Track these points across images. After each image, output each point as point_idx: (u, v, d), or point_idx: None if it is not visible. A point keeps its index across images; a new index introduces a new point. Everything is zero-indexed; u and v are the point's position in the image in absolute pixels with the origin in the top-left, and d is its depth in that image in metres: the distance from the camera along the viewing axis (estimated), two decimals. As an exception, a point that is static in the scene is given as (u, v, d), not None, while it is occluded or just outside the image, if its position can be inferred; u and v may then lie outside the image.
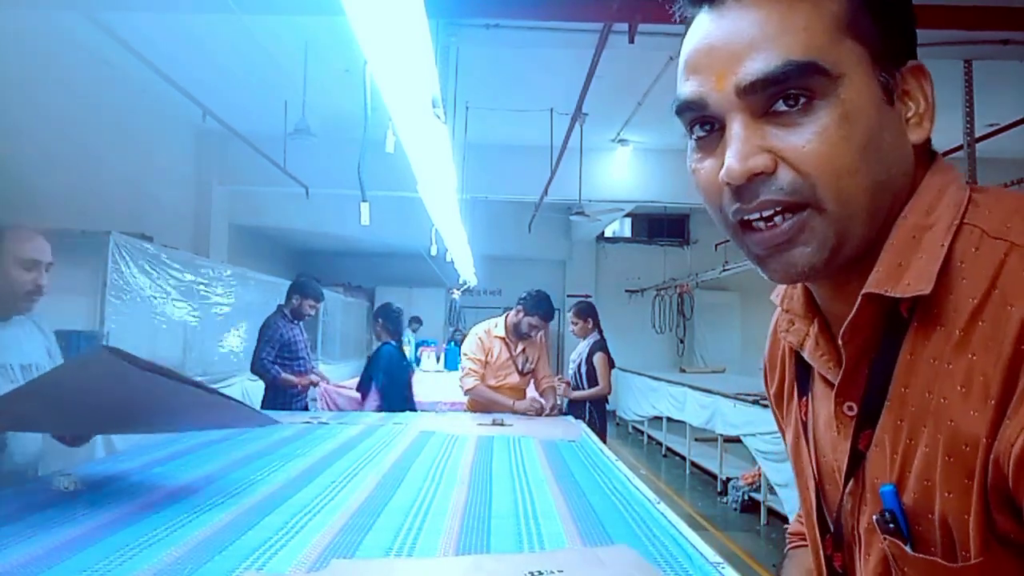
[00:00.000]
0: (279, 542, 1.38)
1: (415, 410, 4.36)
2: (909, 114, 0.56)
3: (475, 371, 3.86)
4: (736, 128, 0.52)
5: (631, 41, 3.85)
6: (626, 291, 13.17)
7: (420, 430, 3.03)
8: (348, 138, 6.12)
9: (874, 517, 0.54)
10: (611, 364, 4.75)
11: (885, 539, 0.54)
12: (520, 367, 3.98)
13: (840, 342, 0.56)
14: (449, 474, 2.12)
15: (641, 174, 8.42)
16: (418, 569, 1.29)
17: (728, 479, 6.06)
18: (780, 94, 0.51)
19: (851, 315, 0.54)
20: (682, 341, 12.46)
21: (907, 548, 0.52)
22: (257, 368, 4.43)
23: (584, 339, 4.84)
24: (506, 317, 4.02)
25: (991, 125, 5.71)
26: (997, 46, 4.28)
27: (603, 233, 13.06)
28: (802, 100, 0.51)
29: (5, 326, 2.02)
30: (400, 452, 2.49)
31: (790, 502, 4.69)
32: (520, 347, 4.00)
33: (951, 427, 0.49)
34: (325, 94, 5.85)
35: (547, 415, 3.76)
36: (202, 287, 5.86)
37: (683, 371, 10.34)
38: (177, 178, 7.34)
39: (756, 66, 0.51)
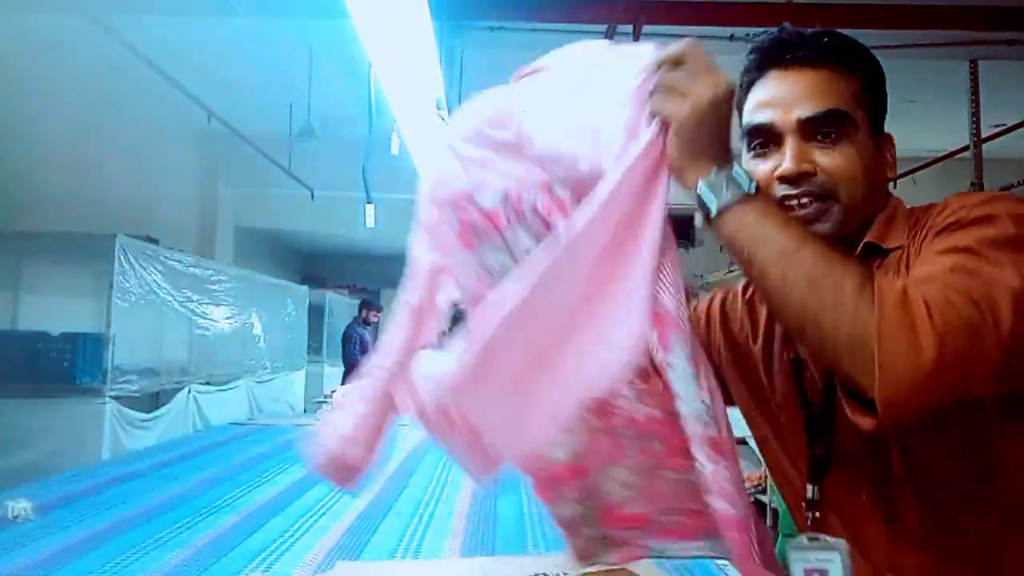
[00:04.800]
0: (284, 544, 1.38)
1: None
2: (884, 160, 0.85)
3: None
4: (792, 144, 0.79)
5: (636, 42, 3.85)
6: (631, 293, 13.12)
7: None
8: (353, 140, 6.13)
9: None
10: None
11: None
12: None
13: None
14: (454, 477, 2.12)
15: (646, 176, 8.39)
16: (423, 571, 1.29)
17: (733, 481, 6.05)
18: (821, 128, 0.79)
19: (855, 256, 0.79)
20: (687, 343, 12.42)
21: None
22: (347, 359, 6.97)
23: None
24: None
25: (997, 126, 5.68)
26: (1003, 47, 4.26)
27: (608, 235, 13.02)
28: (832, 136, 0.79)
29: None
30: (405, 454, 2.49)
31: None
32: None
33: None
34: (330, 97, 5.86)
35: None
36: (208, 289, 5.87)
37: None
38: (182, 180, 7.35)
39: (811, 107, 0.79)
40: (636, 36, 3.84)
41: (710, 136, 0.67)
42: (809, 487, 0.82)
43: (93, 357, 4.48)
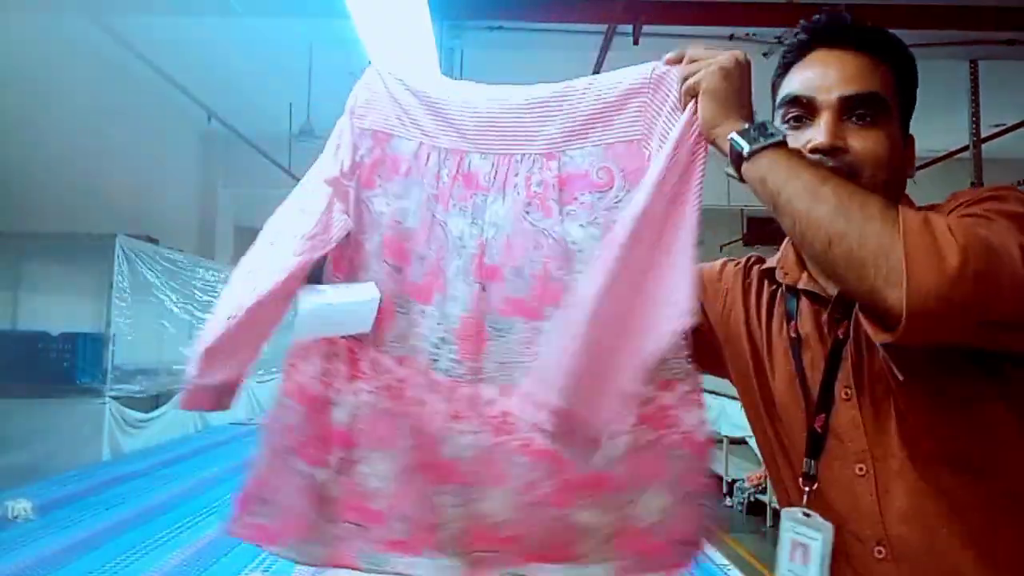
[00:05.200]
0: (285, 544, 1.38)
1: None
2: (908, 156, 0.88)
3: None
4: (829, 120, 0.82)
5: (636, 43, 3.84)
6: (631, 293, 13.12)
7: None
8: (353, 140, 6.11)
9: (879, 344, 0.75)
10: None
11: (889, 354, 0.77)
12: None
13: None
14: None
15: (645, 175, 8.39)
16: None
17: (733, 481, 6.04)
18: (857, 109, 0.82)
19: None
20: (687, 342, 12.40)
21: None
22: None
23: None
24: None
25: (997, 126, 5.68)
26: (1003, 47, 4.26)
27: (608, 235, 13.02)
28: (867, 119, 0.82)
29: None
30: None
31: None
32: None
33: None
34: (330, 96, 5.84)
35: None
36: (208, 289, 5.87)
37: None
38: (182, 181, 7.36)
39: (852, 87, 0.82)
40: (636, 36, 3.84)
41: (737, 94, 0.78)
42: (806, 461, 0.84)
43: (93, 357, 4.48)
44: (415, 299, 0.89)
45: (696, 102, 0.78)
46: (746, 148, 0.74)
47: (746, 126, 0.75)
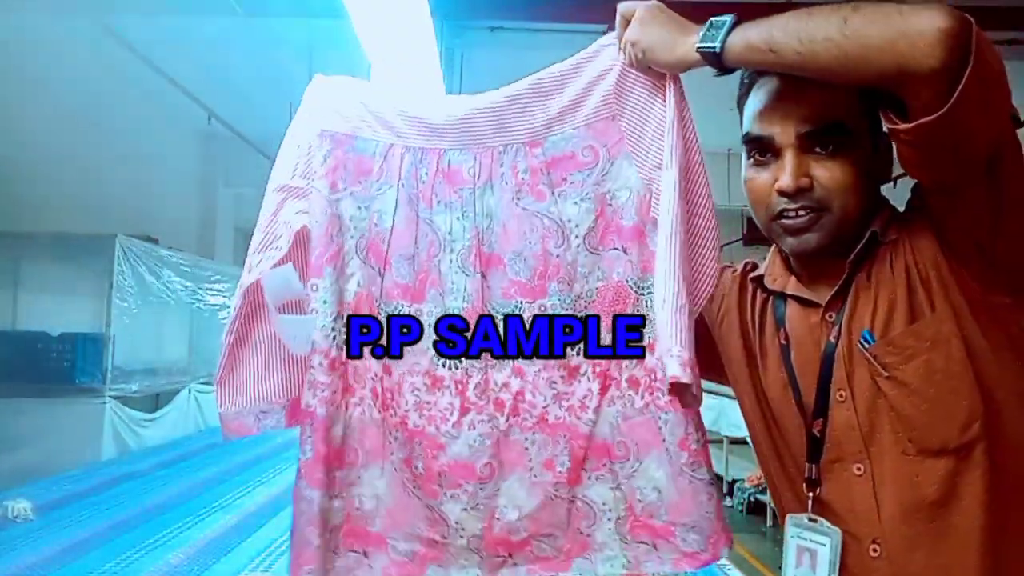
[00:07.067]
0: (284, 544, 1.38)
1: None
2: (882, 163, 0.87)
3: None
4: (790, 158, 0.82)
5: (635, 43, 3.84)
6: (631, 293, 13.11)
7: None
8: (353, 140, 6.10)
9: (860, 343, 0.82)
10: None
11: (872, 351, 0.81)
12: None
13: (847, 261, 0.84)
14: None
15: (646, 175, 8.38)
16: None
17: (734, 481, 6.05)
18: (818, 142, 0.81)
19: (858, 247, 0.83)
20: (687, 343, 12.39)
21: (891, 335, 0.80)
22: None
23: None
24: None
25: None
26: (1003, 46, 4.27)
27: (608, 235, 13.01)
28: (831, 147, 0.81)
29: None
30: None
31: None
32: None
33: (908, 272, 0.82)
34: (330, 96, 5.84)
35: None
36: (208, 289, 5.87)
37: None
38: (182, 181, 7.35)
39: (811, 121, 0.81)
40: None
41: (670, 21, 0.83)
42: (808, 466, 0.85)
43: (93, 357, 4.48)
44: (405, 300, 0.90)
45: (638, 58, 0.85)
46: (716, 43, 0.77)
47: (698, 33, 0.79)
